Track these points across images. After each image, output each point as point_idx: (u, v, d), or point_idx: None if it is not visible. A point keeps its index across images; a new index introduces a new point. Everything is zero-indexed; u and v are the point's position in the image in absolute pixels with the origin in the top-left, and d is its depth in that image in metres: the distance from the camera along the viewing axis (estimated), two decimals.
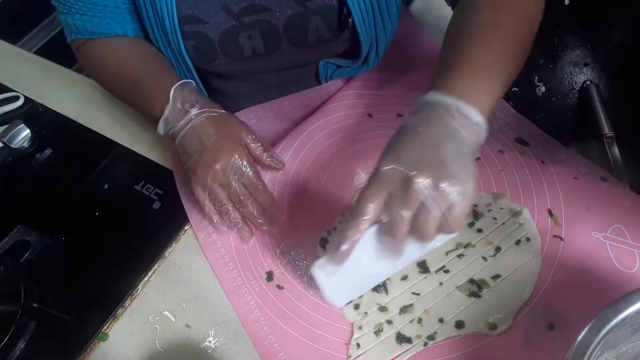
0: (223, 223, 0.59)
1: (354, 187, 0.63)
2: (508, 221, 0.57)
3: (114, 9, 0.65)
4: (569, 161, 0.61)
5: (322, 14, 0.62)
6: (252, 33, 0.64)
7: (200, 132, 0.57)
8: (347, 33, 0.65)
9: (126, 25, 0.67)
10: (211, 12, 0.62)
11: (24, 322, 0.58)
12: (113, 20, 0.66)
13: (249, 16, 0.63)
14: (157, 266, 0.60)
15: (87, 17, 0.65)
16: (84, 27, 0.66)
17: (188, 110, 0.58)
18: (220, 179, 0.56)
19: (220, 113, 0.59)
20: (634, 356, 0.43)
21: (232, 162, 0.56)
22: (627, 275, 0.52)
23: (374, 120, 0.70)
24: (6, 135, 0.75)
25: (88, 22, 0.66)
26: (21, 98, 0.82)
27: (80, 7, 0.65)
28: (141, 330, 0.56)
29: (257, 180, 0.58)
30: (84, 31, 0.67)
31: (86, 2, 0.64)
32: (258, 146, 0.61)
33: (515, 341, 0.49)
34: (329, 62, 0.70)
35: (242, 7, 0.62)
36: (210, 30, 0.63)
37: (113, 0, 0.64)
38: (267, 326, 0.54)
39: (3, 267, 0.61)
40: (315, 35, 0.64)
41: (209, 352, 0.53)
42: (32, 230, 0.65)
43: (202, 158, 0.56)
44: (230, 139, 0.58)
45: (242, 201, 0.58)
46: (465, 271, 0.54)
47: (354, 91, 0.72)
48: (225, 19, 0.63)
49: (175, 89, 0.59)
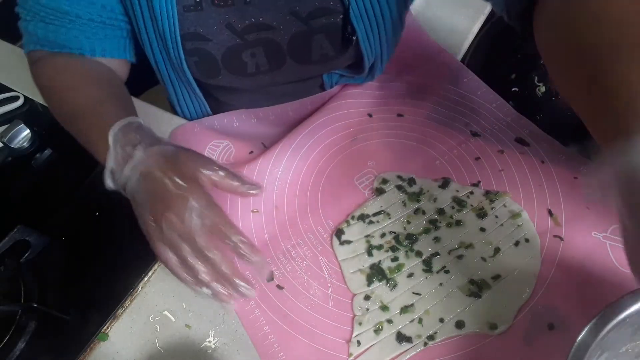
0: (198, 282, 0.47)
1: (354, 187, 0.63)
2: (507, 222, 0.57)
3: (87, 22, 0.59)
4: (569, 161, 0.61)
5: (326, 32, 0.61)
6: (256, 50, 0.63)
7: (147, 177, 0.47)
8: (352, 50, 0.64)
9: (95, 42, 0.61)
10: (215, 30, 0.61)
11: (24, 322, 0.58)
12: (82, 33, 0.59)
13: (253, 34, 0.61)
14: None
15: (53, 27, 0.59)
16: (45, 38, 0.59)
17: (131, 154, 0.49)
18: (179, 230, 0.46)
19: (168, 149, 0.49)
20: (634, 356, 0.43)
21: (188, 206, 0.46)
22: (627, 275, 0.51)
23: (374, 120, 0.70)
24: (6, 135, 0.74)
25: (52, 32, 0.59)
26: (21, 98, 0.82)
27: (47, 14, 0.58)
28: (141, 330, 0.56)
29: (222, 223, 0.47)
30: (44, 42, 0.60)
31: (56, 9, 0.58)
32: (223, 176, 0.49)
33: (515, 341, 0.49)
34: (334, 72, 0.70)
35: (246, 25, 0.61)
36: (214, 48, 0.62)
37: (87, 12, 0.58)
38: (267, 326, 0.54)
39: (3, 267, 0.61)
40: (319, 53, 0.64)
41: (209, 352, 0.53)
42: (32, 230, 0.64)
43: (155, 208, 0.47)
44: (182, 178, 0.47)
45: (207, 256, 0.46)
46: (465, 272, 0.54)
47: (354, 91, 0.72)
48: (228, 36, 0.61)
49: (115, 132, 0.50)
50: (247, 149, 0.69)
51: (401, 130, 0.68)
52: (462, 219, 0.58)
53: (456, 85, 0.71)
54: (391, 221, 0.59)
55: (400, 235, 0.58)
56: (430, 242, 0.57)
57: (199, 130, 0.70)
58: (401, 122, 0.69)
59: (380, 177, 0.63)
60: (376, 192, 0.62)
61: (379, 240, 0.58)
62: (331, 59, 0.65)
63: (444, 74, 0.73)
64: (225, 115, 0.72)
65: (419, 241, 0.57)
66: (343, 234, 0.59)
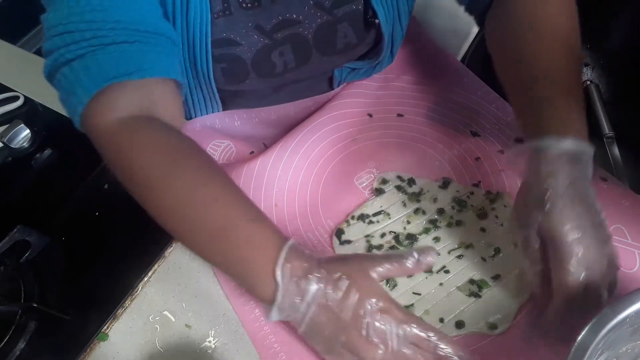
0: None
1: (354, 187, 0.63)
2: (507, 222, 0.57)
3: (156, 36, 0.51)
4: None
5: (349, 19, 0.62)
6: (284, 49, 0.63)
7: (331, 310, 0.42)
8: (372, 34, 0.65)
9: (175, 61, 0.53)
10: (244, 33, 0.60)
11: (24, 322, 0.58)
12: (162, 51, 0.51)
13: (281, 32, 0.61)
14: (157, 266, 0.60)
15: (127, 47, 0.48)
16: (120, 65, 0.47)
17: (305, 289, 0.42)
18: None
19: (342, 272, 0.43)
20: (634, 356, 0.43)
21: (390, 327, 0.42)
22: (627, 275, 0.52)
23: (374, 120, 0.70)
24: (6, 135, 0.75)
25: (128, 56, 0.48)
26: (21, 98, 0.82)
27: (107, 34, 0.47)
28: (141, 330, 0.56)
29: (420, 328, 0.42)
30: (119, 72, 0.47)
31: (127, 25, 0.48)
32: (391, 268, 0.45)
33: (515, 341, 0.49)
34: (345, 66, 0.70)
35: (274, 23, 0.60)
36: (244, 52, 0.61)
37: (152, 24, 0.51)
38: (267, 326, 0.54)
39: (3, 267, 0.61)
40: (343, 42, 0.64)
41: (209, 352, 0.53)
42: (32, 230, 0.65)
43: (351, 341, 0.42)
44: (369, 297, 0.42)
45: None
46: (465, 271, 0.54)
47: (354, 91, 0.72)
48: (258, 38, 0.61)
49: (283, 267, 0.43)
50: (248, 149, 0.69)
51: (401, 130, 0.68)
52: (462, 219, 0.58)
53: (456, 85, 0.71)
54: (391, 221, 0.59)
55: (400, 235, 0.58)
56: (430, 242, 0.57)
57: (199, 130, 0.70)
58: (401, 122, 0.69)
59: (380, 177, 0.63)
60: (376, 192, 0.62)
61: (379, 240, 0.58)
62: (354, 46, 0.65)
63: (444, 74, 0.73)
64: (226, 113, 0.71)
65: (418, 241, 0.57)
66: (343, 234, 0.59)
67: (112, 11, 0.48)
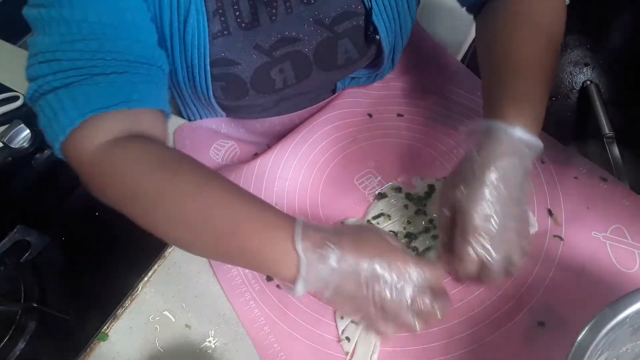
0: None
1: (354, 187, 0.63)
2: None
3: (147, 67, 0.50)
4: (569, 161, 0.61)
5: (350, 35, 0.62)
6: (284, 66, 0.63)
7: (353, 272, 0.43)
8: (373, 49, 0.65)
9: (165, 91, 0.54)
10: (243, 52, 0.60)
11: (24, 322, 0.58)
12: (151, 81, 0.50)
13: (281, 49, 0.61)
14: (157, 266, 0.60)
15: (115, 77, 0.47)
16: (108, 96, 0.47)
17: (326, 255, 0.43)
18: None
19: (355, 236, 0.45)
20: (634, 356, 0.43)
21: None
22: (627, 275, 0.52)
23: (374, 120, 0.70)
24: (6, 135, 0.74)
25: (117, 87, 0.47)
26: (21, 98, 0.82)
27: (96, 64, 0.47)
28: (141, 330, 0.56)
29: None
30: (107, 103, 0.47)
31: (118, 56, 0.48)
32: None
33: (515, 341, 0.49)
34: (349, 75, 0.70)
35: (273, 41, 0.60)
36: (243, 71, 0.61)
37: (144, 55, 0.50)
38: (267, 326, 0.54)
39: (3, 267, 0.61)
40: (344, 57, 0.64)
41: (209, 352, 0.53)
42: (32, 230, 0.64)
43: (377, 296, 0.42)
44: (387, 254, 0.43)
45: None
46: None
47: (353, 91, 0.72)
48: (257, 57, 0.60)
49: (303, 241, 0.43)
50: (252, 150, 0.69)
51: (401, 130, 0.68)
52: None
53: (456, 85, 0.71)
54: (391, 222, 0.59)
55: (399, 234, 0.58)
56: (428, 239, 0.57)
57: (204, 130, 0.70)
58: (401, 122, 0.69)
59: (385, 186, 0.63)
60: (378, 196, 0.62)
61: None
62: (355, 61, 0.65)
63: (444, 74, 0.73)
64: (231, 120, 0.72)
65: (417, 239, 0.57)
66: None
67: (104, 41, 0.48)
